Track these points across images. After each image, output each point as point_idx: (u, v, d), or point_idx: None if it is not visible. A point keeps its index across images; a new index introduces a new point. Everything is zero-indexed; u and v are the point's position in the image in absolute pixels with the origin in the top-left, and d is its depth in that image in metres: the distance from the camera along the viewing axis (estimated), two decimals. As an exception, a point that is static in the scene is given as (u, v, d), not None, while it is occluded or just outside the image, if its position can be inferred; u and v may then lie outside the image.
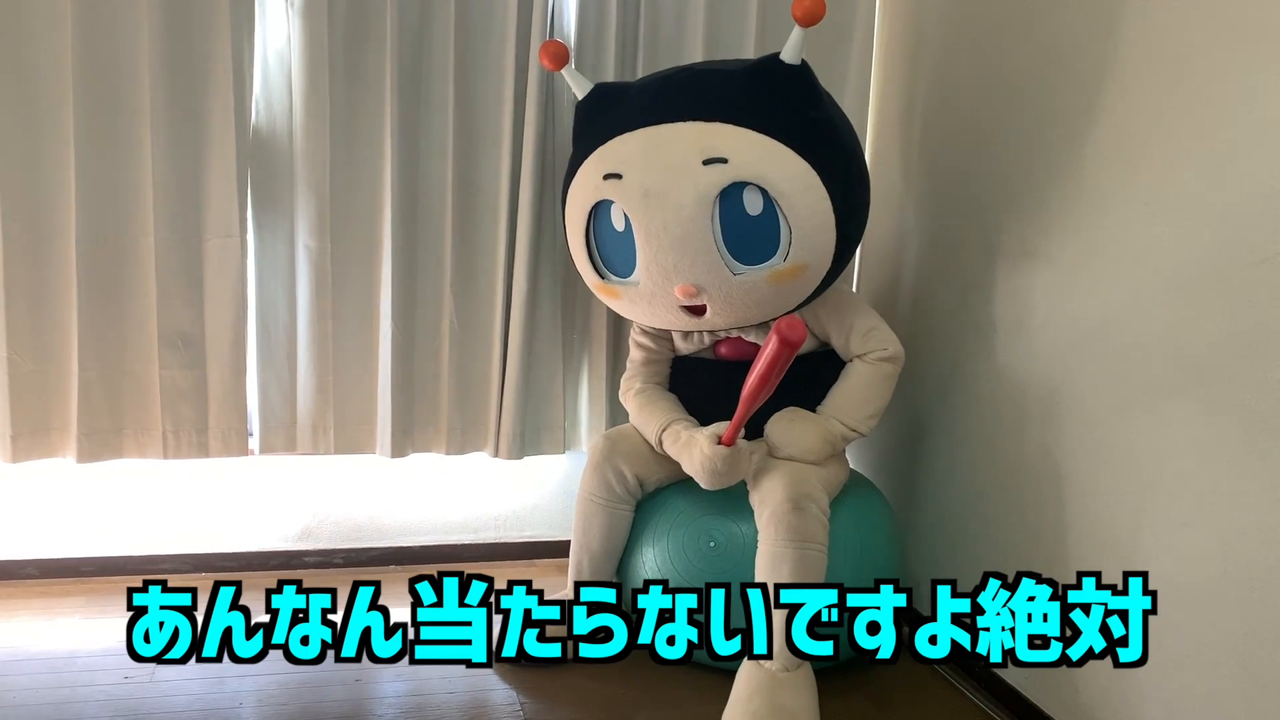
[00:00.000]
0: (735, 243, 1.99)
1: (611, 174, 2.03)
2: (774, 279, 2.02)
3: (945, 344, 2.36)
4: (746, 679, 1.94)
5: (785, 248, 2.00)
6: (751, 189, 1.96)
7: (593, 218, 2.11)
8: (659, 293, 2.06)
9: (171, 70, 2.27)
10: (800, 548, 1.94)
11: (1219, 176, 1.60)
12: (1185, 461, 1.65)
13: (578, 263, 2.22)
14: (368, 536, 2.73)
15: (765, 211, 1.97)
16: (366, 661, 1.64)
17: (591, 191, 2.08)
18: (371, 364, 2.52)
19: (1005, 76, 2.17)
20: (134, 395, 2.38)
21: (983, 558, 2.20)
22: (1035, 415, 2.03)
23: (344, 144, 2.40)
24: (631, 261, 2.07)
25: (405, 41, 2.38)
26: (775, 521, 1.96)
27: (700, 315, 2.09)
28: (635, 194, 1.99)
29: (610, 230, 2.09)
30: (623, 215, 2.04)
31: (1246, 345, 1.54)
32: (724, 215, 1.97)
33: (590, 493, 2.21)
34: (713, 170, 1.94)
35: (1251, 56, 1.54)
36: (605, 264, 2.16)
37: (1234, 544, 1.56)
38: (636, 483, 2.19)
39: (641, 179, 1.98)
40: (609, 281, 2.15)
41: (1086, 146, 1.90)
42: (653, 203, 1.97)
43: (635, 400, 2.28)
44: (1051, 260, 2.00)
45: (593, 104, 2.16)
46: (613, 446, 2.21)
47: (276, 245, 2.43)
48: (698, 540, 2.10)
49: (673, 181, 1.96)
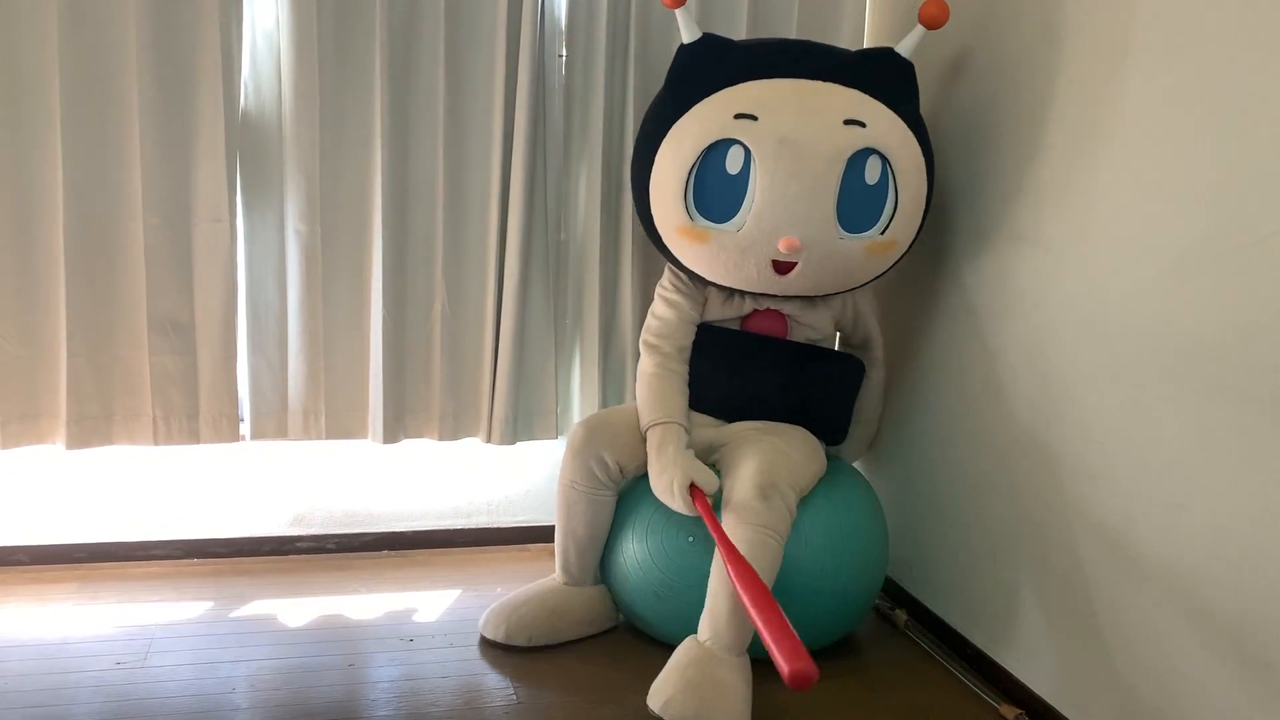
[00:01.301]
0: (847, 207, 2.05)
1: (745, 114, 2.02)
2: (870, 250, 2.10)
3: (936, 328, 2.36)
4: (685, 651, 1.95)
5: (885, 222, 2.08)
6: (875, 158, 2.04)
7: (703, 157, 2.07)
8: (759, 242, 2.06)
9: (159, 53, 2.25)
10: (757, 532, 1.93)
11: (1211, 157, 1.59)
12: (1177, 444, 1.66)
13: (661, 202, 2.13)
14: (360, 522, 2.73)
15: (880, 183, 2.05)
16: (359, 646, 1.64)
17: (714, 129, 2.04)
18: (363, 349, 2.51)
19: (997, 59, 2.16)
20: (124, 381, 2.37)
21: (973, 543, 2.21)
22: (1026, 398, 2.04)
23: (334, 128, 2.39)
24: (736, 206, 2.05)
25: (395, 24, 2.36)
26: (739, 507, 1.96)
27: (785, 274, 2.11)
28: (770, 138, 2.00)
29: (720, 172, 2.06)
30: (742, 157, 2.03)
31: (1239, 327, 1.54)
32: (846, 178, 2.02)
33: (571, 480, 2.20)
34: (852, 131, 2.01)
35: (1246, 37, 1.54)
36: (700, 206, 2.09)
37: (1227, 526, 1.56)
38: (618, 469, 2.18)
39: (780, 125, 2.00)
40: (698, 224, 2.10)
41: (1078, 128, 1.90)
42: (787, 149, 2.00)
43: (657, 371, 2.21)
44: (1043, 243, 2.00)
45: (700, 51, 2.14)
46: (591, 434, 2.19)
47: (266, 229, 2.42)
48: (676, 536, 2.11)
49: (814, 133, 2.00)
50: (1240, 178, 1.54)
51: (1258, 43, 1.52)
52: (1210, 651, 1.59)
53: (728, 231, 2.07)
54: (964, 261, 2.25)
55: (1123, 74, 1.79)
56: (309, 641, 2.19)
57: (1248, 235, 1.52)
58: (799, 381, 2.25)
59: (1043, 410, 1.99)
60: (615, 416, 2.26)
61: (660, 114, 2.15)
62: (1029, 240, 2.04)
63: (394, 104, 2.39)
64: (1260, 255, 1.50)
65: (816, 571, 2.06)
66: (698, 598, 2.00)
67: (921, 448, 2.42)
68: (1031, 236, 2.03)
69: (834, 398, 2.31)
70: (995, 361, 2.14)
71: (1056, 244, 1.96)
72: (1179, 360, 1.65)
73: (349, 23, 2.36)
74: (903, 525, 2.48)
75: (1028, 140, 2.04)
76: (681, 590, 2.09)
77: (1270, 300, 1.49)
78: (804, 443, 2.18)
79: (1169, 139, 1.68)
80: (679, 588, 2.09)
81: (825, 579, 2.08)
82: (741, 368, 2.26)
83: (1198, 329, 1.61)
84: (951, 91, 2.32)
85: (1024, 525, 2.04)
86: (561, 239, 2.61)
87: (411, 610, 2.37)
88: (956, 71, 2.30)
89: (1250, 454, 1.52)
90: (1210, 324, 1.59)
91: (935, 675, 2.19)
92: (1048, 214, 1.98)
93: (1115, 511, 1.79)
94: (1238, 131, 1.55)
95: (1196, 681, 1.62)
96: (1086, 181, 1.87)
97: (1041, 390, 1.99)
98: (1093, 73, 1.86)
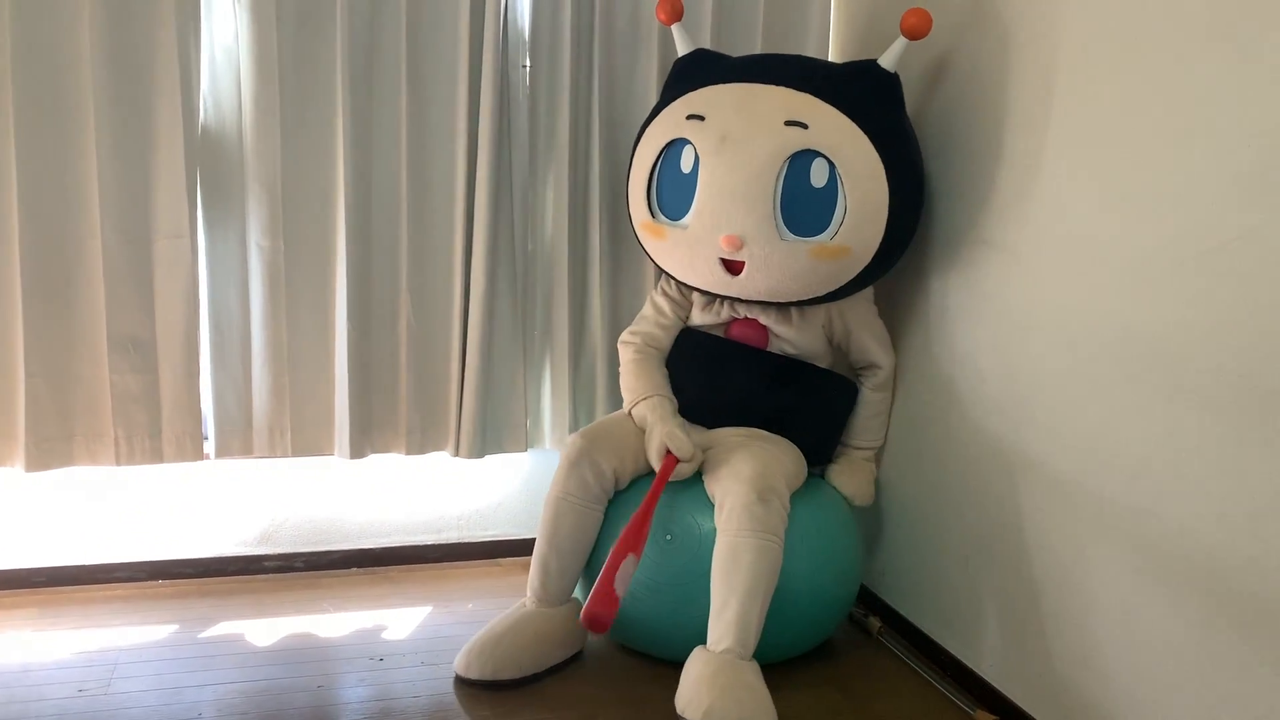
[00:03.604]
0: (791, 209, 2.06)
1: (695, 115, 2.11)
2: (816, 253, 2.08)
3: (904, 333, 2.37)
4: (704, 661, 1.92)
5: (836, 227, 2.07)
6: (821, 160, 2.04)
7: (663, 155, 2.18)
8: (704, 239, 2.10)
9: (115, 68, 2.22)
10: (760, 538, 1.94)
11: (1172, 164, 1.61)
12: (1144, 448, 1.67)
13: (633, 199, 2.27)
14: (328, 540, 2.69)
15: (827, 186, 2.05)
16: (329, 666, 1.61)
17: (670, 129, 2.16)
18: (328, 364, 2.48)
19: (961, 66, 2.18)
20: (84, 401, 2.33)
21: (945, 549, 2.21)
22: (994, 403, 2.04)
23: (295, 141, 2.36)
24: (687, 204, 2.12)
25: (356, 35, 2.34)
26: (738, 513, 1.96)
27: (736, 274, 2.12)
28: (713, 136, 2.07)
29: (676, 170, 2.15)
30: (693, 156, 2.10)
31: (1201, 331, 1.55)
32: (789, 179, 2.04)
33: (565, 492, 2.15)
34: (792, 132, 2.03)
35: (1205, 46, 1.55)
36: (660, 203, 2.20)
37: (1194, 529, 1.57)
38: (613, 479, 2.16)
39: (723, 124, 2.07)
40: (658, 220, 2.19)
41: (1042, 135, 1.91)
42: (727, 147, 2.05)
43: (634, 356, 2.31)
44: (1008, 248, 2.00)
45: (689, 63, 2.26)
46: (590, 443, 2.16)
47: (228, 245, 2.39)
48: (655, 534, 2.09)
49: (752, 131, 2.05)
50: (1201, 183, 1.55)
51: (1217, 49, 1.53)
52: (1181, 657, 1.60)
53: (679, 228, 2.14)
54: (932, 266, 2.26)
55: (1085, 82, 1.80)
56: (277, 663, 2.15)
57: (1209, 240, 1.54)
58: (776, 394, 2.25)
59: (1011, 415, 1.99)
60: (611, 423, 2.25)
61: (647, 119, 2.27)
62: (995, 246, 2.04)
63: (356, 116, 2.37)
64: (1221, 260, 1.51)
65: (792, 579, 2.05)
66: (679, 596, 2.02)
67: (892, 454, 2.43)
68: (998, 242, 2.04)
69: (815, 416, 2.30)
70: (964, 366, 2.15)
71: (1022, 249, 1.96)
72: (1143, 365, 1.66)
73: (309, 34, 2.33)
74: (876, 532, 2.48)
75: (993, 146, 2.04)
76: (662, 589, 2.07)
77: (1231, 304, 1.50)
78: (788, 448, 2.19)
79: (1130, 145, 1.69)
80: (658, 587, 2.08)
81: (800, 586, 2.08)
82: (718, 372, 2.27)
83: (1161, 333, 1.62)
84: (913, 100, 2.32)
85: (995, 530, 2.05)
86: (529, 249, 2.59)
87: (381, 628, 2.34)
88: (928, 79, 2.31)
89: (1216, 456, 1.53)
90: (1173, 328, 1.60)
91: (910, 682, 2.19)
92: (1013, 220, 1.99)
93: (1085, 516, 1.80)
94: (1198, 137, 1.56)
95: (1168, 687, 1.62)
96: (1050, 187, 1.88)
97: (1010, 396, 2.00)
98: (1054, 79, 1.87)
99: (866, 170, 2.04)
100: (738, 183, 2.05)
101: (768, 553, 1.94)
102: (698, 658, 1.94)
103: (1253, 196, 1.47)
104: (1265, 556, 1.46)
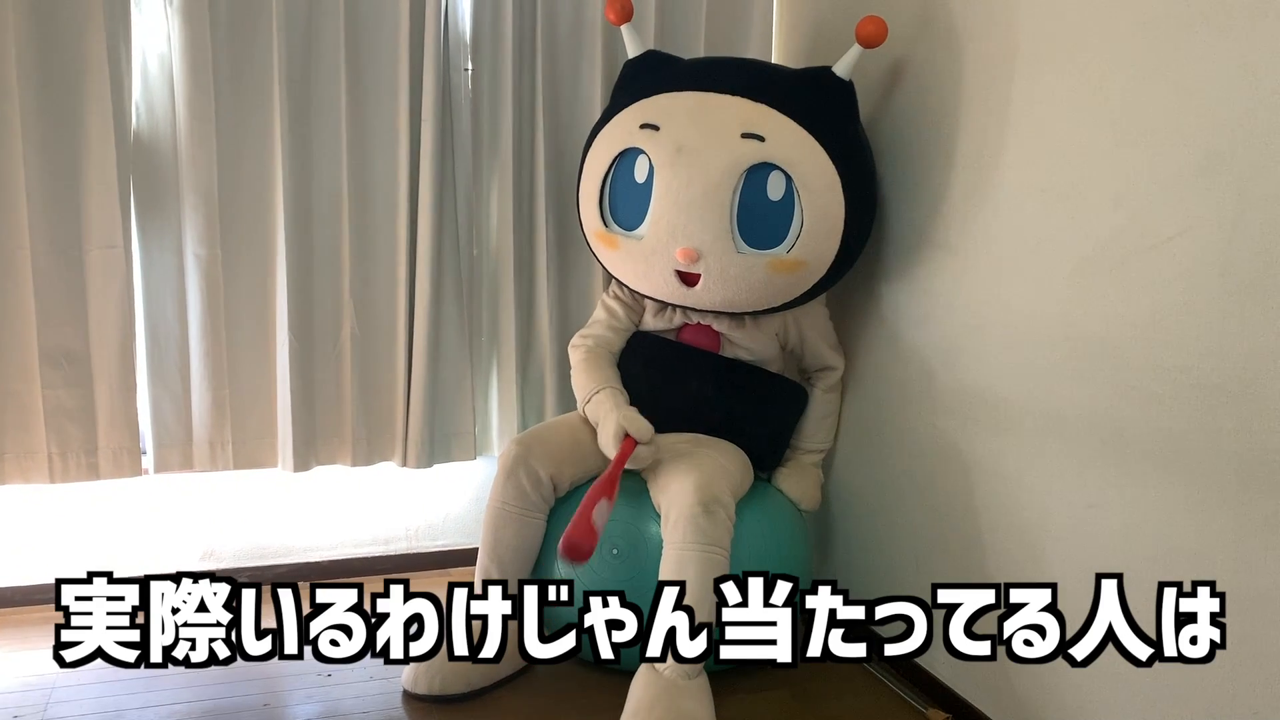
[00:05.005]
0: (748, 222, 2.03)
1: (649, 124, 2.07)
2: (772, 267, 2.06)
3: (853, 334, 2.37)
4: (645, 686, 1.90)
5: (792, 240, 2.04)
6: (778, 174, 2.01)
7: (615, 164, 2.13)
8: (660, 251, 2.07)
9: (42, 75, 2.15)
10: (706, 550, 1.92)
11: (1114, 163, 1.62)
12: (1089, 444, 1.68)
13: (584, 207, 2.21)
14: (273, 554, 2.64)
15: (784, 200, 2.02)
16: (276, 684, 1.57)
17: (623, 138, 2.11)
18: (269, 375, 2.43)
19: (903, 67, 2.18)
20: (15, 417, 2.26)
21: (894, 546, 2.22)
22: (942, 402, 2.05)
23: (231, 147, 2.31)
24: (642, 214, 2.08)
25: (293, 39, 2.30)
26: (684, 524, 1.94)
27: (691, 285, 2.10)
28: (668, 147, 2.03)
29: (629, 180, 2.11)
30: (648, 167, 2.06)
31: (1142, 328, 1.57)
32: (745, 192, 2.01)
33: (503, 501, 2.12)
34: (748, 144, 2.00)
35: (1144, 44, 1.57)
36: (613, 213, 2.16)
37: (1139, 524, 1.59)
38: (551, 486, 2.13)
39: (678, 134, 2.03)
40: (611, 230, 2.15)
41: (984, 136, 1.92)
42: (683, 159, 2.01)
43: (584, 355, 2.28)
44: (952, 249, 2.02)
45: (640, 64, 2.21)
46: (526, 450, 2.13)
47: (164, 254, 2.33)
48: (601, 549, 2.07)
49: (708, 143, 2.01)
50: (1139, 183, 1.57)
51: (1153, 50, 1.55)
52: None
53: (634, 238, 2.11)
54: (883, 269, 2.26)
55: (1027, 82, 1.82)
56: (222, 682, 2.10)
57: (1148, 239, 1.55)
58: (727, 397, 2.24)
59: (958, 414, 2.01)
60: (547, 429, 2.22)
61: (597, 123, 2.22)
62: (941, 246, 2.05)
63: (294, 121, 2.33)
64: (1161, 258, 1.53)
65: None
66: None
67: (844, 455, 2.43)
68: (943, 243, 2.05)
69: (766, 420, 2.29)
70: (911, 366, 2.16)
71: (967, 250, 1.98)
72: (1086, 363, 1.68)
73: (244, 39, 2.29)
74: (827, 533, 2.48)
75: (943, 150, 2.05)
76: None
77: (1171, 302, 1.52)
78: (736, 455, 2.17)
79: (1072, 147, 1.71)
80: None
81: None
82: (669, 375, 2.25)
83: (1103, 331, 1.64)
84: (875, 104, 2.32)
85: (943, 528, 2.06)
86: (474, 254, 2.56)
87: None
88: (862, 83, 2.31)
89: (1160, 452, 1.55)
90: (1115, 326, 1.62)
91: (863, 681, 2.19)
92: (957, 220, 2.00)
93: (1032, 513, 1.81)
94: (1136, 138, 1.58)
95: (1120, 686, 1.64)
96: (993, 188, 1.90)
97: (957, 394, 2.01)
98: (996, 81, 1.89)
99: (823, 184, 2.02)
100: (694, 195, 2.01)
101: (715, 565, 1.92)
102: (641, 679, 1.92)
103: (1190, 196, 1.49)
104: (1208, 550, 1.47)
